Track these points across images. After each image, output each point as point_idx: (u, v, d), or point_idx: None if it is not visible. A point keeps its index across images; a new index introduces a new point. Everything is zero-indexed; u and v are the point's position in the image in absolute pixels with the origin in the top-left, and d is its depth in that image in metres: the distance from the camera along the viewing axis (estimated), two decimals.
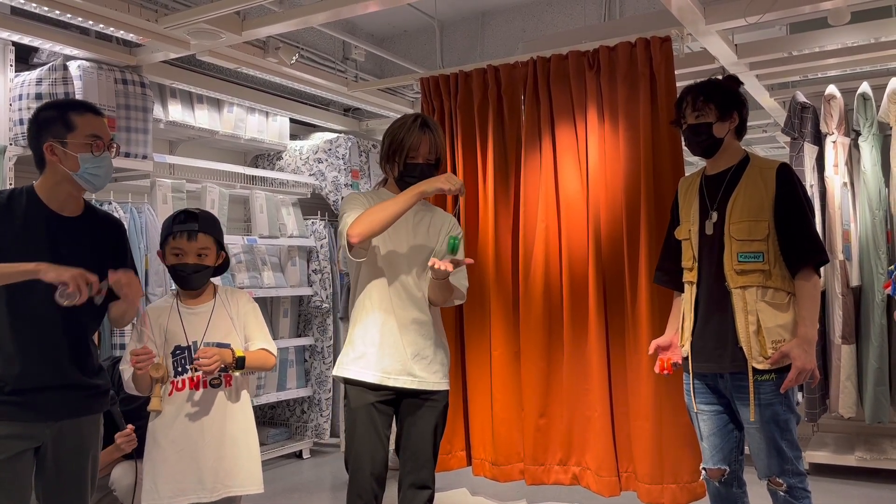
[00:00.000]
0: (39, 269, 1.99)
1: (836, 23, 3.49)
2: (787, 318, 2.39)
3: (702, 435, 2.57)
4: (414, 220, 2.62)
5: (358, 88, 4.67)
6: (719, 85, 2.54)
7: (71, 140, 2.12)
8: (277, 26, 3.45)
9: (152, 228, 3.79)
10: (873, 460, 4.10)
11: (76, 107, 2.18)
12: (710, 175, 2.57)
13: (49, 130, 2.13)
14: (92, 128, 2.15)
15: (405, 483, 2.56)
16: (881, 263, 3.96)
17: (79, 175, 2.14)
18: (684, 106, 2.52)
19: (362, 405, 2.50)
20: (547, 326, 3.42)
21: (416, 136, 2.55)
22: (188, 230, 2.44)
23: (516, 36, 4.83)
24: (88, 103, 2.23)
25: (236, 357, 2.41)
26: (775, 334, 2.38)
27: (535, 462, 3.44)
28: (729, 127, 2.50)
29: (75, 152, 2.12)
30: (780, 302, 2.40)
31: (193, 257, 2.44)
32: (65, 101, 2.22)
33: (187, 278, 2.46)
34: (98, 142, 2.15)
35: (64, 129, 2.12)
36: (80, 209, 2.24)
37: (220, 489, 2.41)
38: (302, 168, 5.14)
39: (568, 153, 3.43)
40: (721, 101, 2.48)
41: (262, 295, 4.51)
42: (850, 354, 4.06)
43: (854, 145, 4.16)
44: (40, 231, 2.14)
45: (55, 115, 2.15)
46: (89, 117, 2.16)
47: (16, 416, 2.09)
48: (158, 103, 4.17)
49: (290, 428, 5.07)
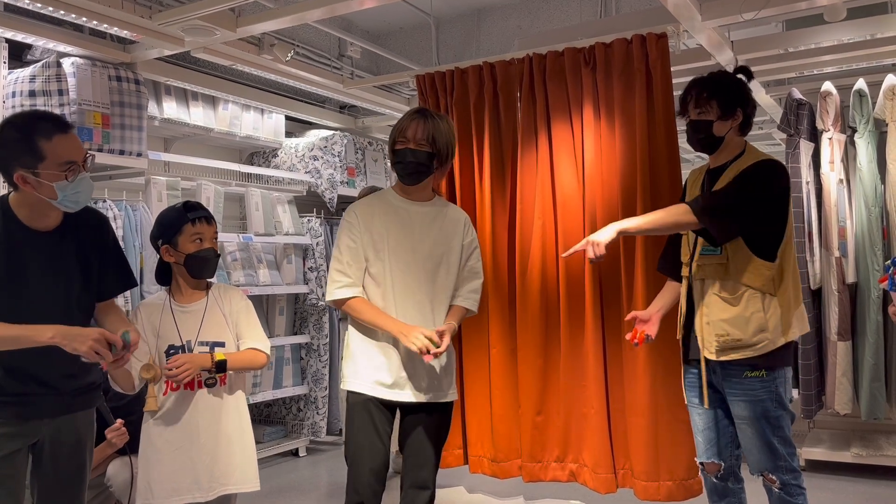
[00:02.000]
0: (54, 339, 1.94)
1: (832, 19, 3.49)
2: (734, 312, 2.38)
3: (697, 428, 2.58)
4: (420, 229, 2.56)
5: (353, 85, 4.66)
6: (726, 80, 2.48)
7: (43, 170, 1.96)
8: (272, 23, 3.43)
9: (147, 226, 3.77)
10: (869, 457, 4.11)
11: (42, 131, 1.97)
12: (711, 168, 2.57)
13: (17, 159, 1.96)
14: (63, 153, 1.98)
15: (406, 483, 2.55)
16: (877, 260, 3.96)
17: (59, 202, 2.02)
18: (688, 100, 2.49)
19: (362, 400, 2.50)
20: (543, 324, 3.42)
21: (405, 122, 2.52)
22: (206, 215, 2.45)
23: (512, 33, 4.82)
24: (54, 120, 2.02)
25: (216, 361, 2.36)
26: (718, 328, 2.39)
27: (532, 459, 3.44)
28: (731, 125, 2.46)
29: (50, 181, 1.97)
30: (731, 296, 2.39)
31: (211, 242, 2.45)
32: (28, 122, 1.98)
33: (209, 262, 2.45)
34: (72, 167, 1.99)
35: (32, 160, 1.95)
36: (58, 219, 2.13)
37: (217, 488, 2.41)
38: (297, 165, 5.12)
39: (564, 150, 3.42)
40: (724, 99, 2.43)
41: (257, 293, 4.50)
42: (846, 351, 4.06)
43: (850, 142, 4.16)
44: (19, 251, 2.06)
45: (20, 142, 1.96)
46: (58, 140, 1.98)
47: (11, 415, 2.09)
48: (153, 100, 4.15)
49: (287, 426, 5.06)
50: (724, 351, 2.39)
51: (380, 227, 2.54)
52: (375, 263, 2.52)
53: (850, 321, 4.09)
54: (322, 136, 5.14)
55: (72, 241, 2.17)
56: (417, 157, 2.50)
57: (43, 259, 2.10)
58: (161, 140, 4.65)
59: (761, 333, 2.36)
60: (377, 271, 2.52)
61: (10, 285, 2.05)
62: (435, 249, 2.56)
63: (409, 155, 2.50)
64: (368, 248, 2.53)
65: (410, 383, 2.50)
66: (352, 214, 2.57)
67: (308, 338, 4.96)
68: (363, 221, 2.54)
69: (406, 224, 2.56)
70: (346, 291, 2.49)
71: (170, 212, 2.48)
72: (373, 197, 2.64)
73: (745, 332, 2.36)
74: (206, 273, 2.46)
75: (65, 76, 3.50)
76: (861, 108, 4.05)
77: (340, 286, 2.49)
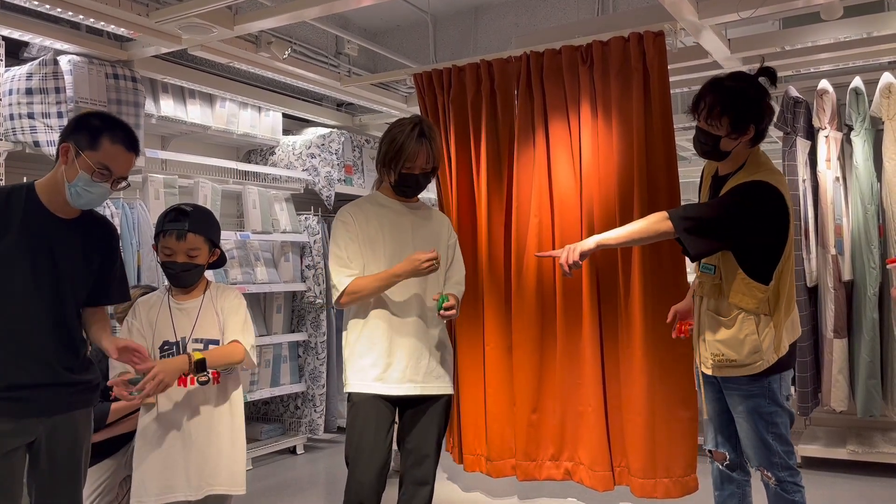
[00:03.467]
0: None
1: (828, 17, 3.49)
2: (728, 334, 2.36)
3: (708, 415, 2.60)
4: (413, 228, 2.65)
5: (351, 83, 4.66)
6: (743, 93, 2.32)
7: (86, 156, 2.11)
8: (269, 20, 3.43)
9: (144, 224, 3.77)
10: (865, 454, 4.12)
11: (115, 134, 2.15)
12: (718, 175, 2.51)
13: (79, 134, 2.13)
14: (110, 159, 2.12)
15: (406, 479, 2.57)
16: (873, 258, 3.97)
17: (70, 186, 2.13)
18: (701, 106, 2.35)
19: (364, 399, 2.51)
20: (539, 321, 3.43)
21: (413, 147, 2.56)
22: (177, 230, 2.42)
23: (509, 30, 4.82)
24: (128, 136, 2.19)
25: (194, 361, 2.35)
26: (713, 347, 2.41)
27: (526, 458, 3.44)
28: (740, 140, 2.34)
29: (81, 167, 2.11)
30: (725, 317, 2.38)
31: (183, 256, 2.43)
32: (109, 121, 2.18)
33: (176, 276, 2.46)
34: (104, 172, 2.12)
35: (87, 143, 2.12)
36: (77, 212, 2.24)
37: (205, 487, 2.42)
38: (295, 163, 5.12)
39: (561, 148, 3.43)
40: (737, 116, 2.29)
41: (255, 290, 4.50)
42: (842, 348, 4.07)
43: (846, 140, 4.16)
44: (37, 231, 2.15)
45: (94, 127, 2.13)
46: (117, 150, 2.14)
47: (8, 414, 2.10)
48: (150, 98, 4.14)
49: (284, 424, 5.06)
50: (721, 368, 2.41)
51: (375, 225, 2.62)
52: (372, 259, 2.58)
53: (846, 319, 4.09)
54: (319, 133, 5.14)
55: (84, 235, 2.24)
56: (424, 179, 2.64)
57: (56, 242, 2.17)
58: (158, 138, 4.64)
59: (755, 354, 2.35)
60: (374, 266, 2.57)
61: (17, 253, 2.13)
62: (427, 244, 2.62)
63: (419, 179, 2.63)
64: (365, 244, 2.59)
65: (409, 377, 2.53)
66: (346, 214, 2.64)
67: (306, 335, 4.96)
68: (357, 220, 2.61)
69: (399, 223, 2.64)
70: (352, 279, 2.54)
71: (162, 215, 2.49)
72: (362, 200, 2.71)
73: (739, 353, 2.36)
74: (175, 282, 2.48)
75: (61, 74, 3.49)
76: (857, 106, 4.05)
77: (346, 275, 2.53)
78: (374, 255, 2.57)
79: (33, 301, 2.13)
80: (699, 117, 2.38)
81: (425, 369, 2.56)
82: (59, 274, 2.17)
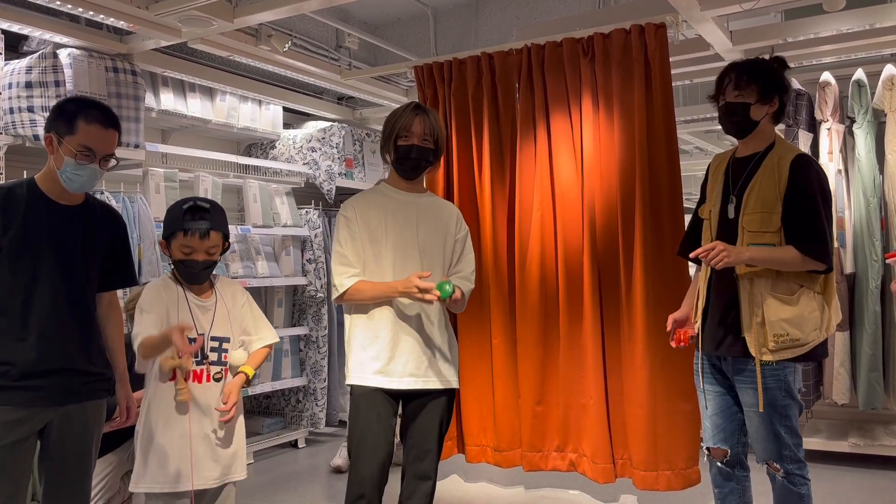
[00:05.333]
0: None
1: (830, 9, 3.48)
2: (794, 311, 2.36)
3: (706, 413, 2.59)
4: (418, 221, 2.60)
5: (351, 76, 4.64)
6: (766, 66, 2.47)
7: (66, 142, 2.16)
8: (269, 13, 3.42)
9: (145, 218, 3.77)
10: (867, 446, 4.12)
11: (88, 114, 2.18)
12: (738, 157, 2.55)
13: (58, 122, 2.18)
14: (90, 139, 2.16)
15: (407, 473, 2.57)
16: (875, 251, 3.97)
17: (60, 173, 2.18)
18: (726, 83, 2.46)
19: (366, 391, 2.51)
20: (543, 314, 3.42)
21: (408, 117, 2.53)
22: (200, 229, 2.39)
23: (510, 23, 4.80)
24: (104, 113, 2.22)
25: (249, 379, 2.49)
26: (778, 328, 2.36)
27: (532, 449, 3.45)
28: (767, 111, 2.46)
29: (64, 154, 2.16)
30: (789, 295, 2.38)
31: (203, 254, 2.41)
32: (83, 103, 2.22)
33: (197, 275, 2.44)
34: (87, 153, 2.16)
35: (66, 129, 2.17)
36: (80, 199, 2.29)
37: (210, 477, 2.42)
38: (295, 157, 5.11)
39: (563, 141, 3.42)
40: (765, 84, 2.43)
41: (256, 284, 4.50)
42: (844, 341, 4.07)
43: (849, 132, 4.15)
44: (40, 220, 2.19)
45: (69, 112, 2.18)
46: (93, 129, 2.17)
47: (22, 402, 2.13)
48: (150, 92, 4.13)
49: (286, 417, 5.06)
50: (782, 350, 2.37)
51: (377, 218, 2.57)
52: (374, 253, 2.55)
53: (848, 312, 4.09)
54: (320, 127, 5.13)
55: (85, 221, 2.28)
56: (423, 153, 2.55)
57: (59, 228, 2.22)
58: (158, 131, 4.63)
59: (815, 332, 2.37)
60: (376, 260, 2.55)
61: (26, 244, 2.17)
62: (433, 238, 2.59)
63: (415, 151, 2.55)
64: (366, 240, 2.56)
65: (411, 371, 2.52)
66: (349, 209, 2.60)
67: (307, 329, 4.96)
68: (360, 215, 2.57)
69: (404, 213, 2.59)
70: (353, 281, 2.52)
71: (175, 210, 2.44)
72: (367, 192, 2.67)
73: (803, 331, 2.36)
74: (192, 280, 2.47)
75: (61, 67, 3.48)
76: (860, 99, 4.04)
77: (348, 276, 2.52)
78: (377, 248, 2.55)
79: (45, 289, 2.16)
80: (724, 94, 2.47)
81: (428, 363, 2.54)
82: (69, 260, 2.21)
